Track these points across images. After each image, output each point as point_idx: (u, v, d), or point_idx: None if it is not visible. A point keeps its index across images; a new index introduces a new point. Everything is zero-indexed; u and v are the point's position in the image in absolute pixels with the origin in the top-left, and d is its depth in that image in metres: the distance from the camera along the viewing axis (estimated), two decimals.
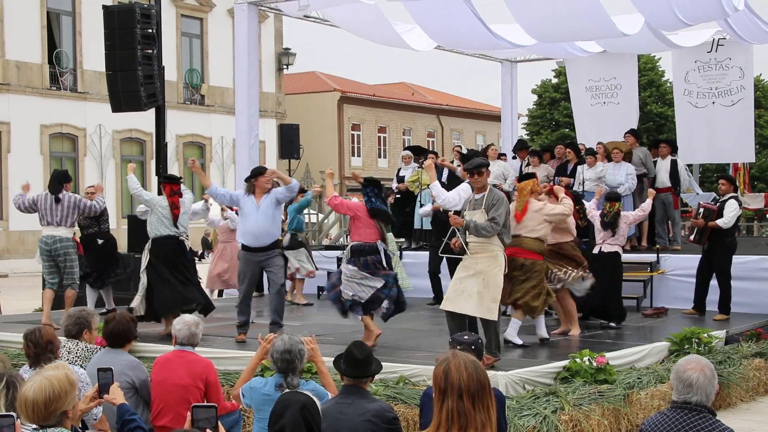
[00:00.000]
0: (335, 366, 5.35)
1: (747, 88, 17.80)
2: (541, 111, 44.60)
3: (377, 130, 46.00)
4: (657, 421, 4.25)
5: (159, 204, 10.17)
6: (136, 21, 13.75)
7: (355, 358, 5.22)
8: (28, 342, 5.91)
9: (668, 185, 14.39)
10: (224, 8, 35.25)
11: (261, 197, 9.50)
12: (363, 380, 5.24)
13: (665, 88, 41.32)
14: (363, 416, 4.98)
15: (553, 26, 13.51)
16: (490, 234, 8.04)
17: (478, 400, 3.36)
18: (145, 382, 6.41)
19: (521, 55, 19.78)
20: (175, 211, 10.15)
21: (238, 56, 15.83)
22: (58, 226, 10.81)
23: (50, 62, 30.64)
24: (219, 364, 7.75)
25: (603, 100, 19.30)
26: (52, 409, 3.92)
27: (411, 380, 7.61)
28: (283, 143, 30.03)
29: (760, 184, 37.64)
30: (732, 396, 8.93)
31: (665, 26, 14.18)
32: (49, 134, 30.71)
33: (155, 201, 10.24)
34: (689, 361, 4.29)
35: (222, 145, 35.71)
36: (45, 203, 10.85)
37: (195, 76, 35.20)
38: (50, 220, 10.83)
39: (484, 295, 8.02)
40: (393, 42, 16.23)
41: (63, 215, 10.82)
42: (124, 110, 14.40)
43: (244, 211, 9.62)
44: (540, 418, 6.85)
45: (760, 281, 12.01)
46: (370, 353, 5.32)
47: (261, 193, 9.51)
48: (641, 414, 7.56)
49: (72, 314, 6.85)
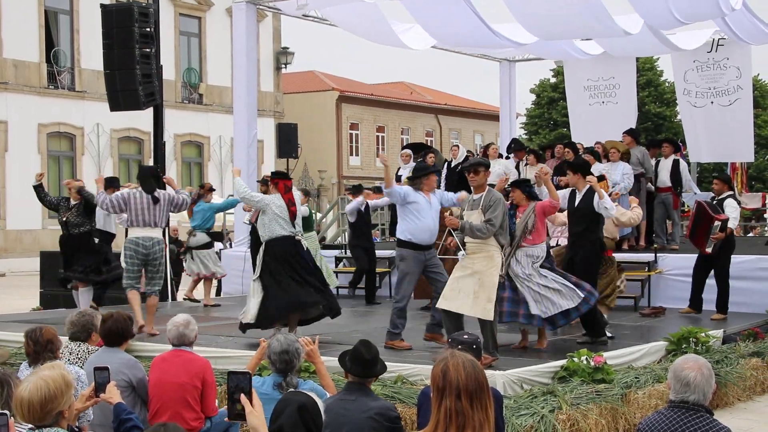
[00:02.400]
0: (341, 363, 5.35)
1: (745, 87, 17.81)
2: (539, 110, 44.63)
3: (376, 129, 45.98)
4: (654, 420, 4.25)
5: (273, 203, 9.38)
6: (134, 20, 13.73)
7: (363, 357, 5.23)
8: (28, 340, 5.91)
9: (669, 185, 14.38)
10: (222, 7, 35.23)
11: (429, 194, 9.15)
12: (368, 379, 5.25)
13: (663, 87, 41.36)
14: (366, 413, 5.01)
15: (553, 24, 13.52)
16: (485, 236, 8.04)
17: (477, 400, 3.36)
18: (142, 381, 6.40)
19: (519, 54, 19.80)
20: (293, 208, 9.46)
21: (237, 55, 15.84)
22: (155, 227, 10.03)
23: (48, 61, 30.62)
24: (217, 363, 7.75)
25: (602, 100, 19.32)
26: (48, 410, 3.92)
27: (409, 380, 7.61)
28: (281, 142, 29.97)
29: (757, 184, 37.66)
30: (729, 395, 8.93)
31: (662, 25, 14.19)
32: (46, 133, 30.69)
33: (267, 200, 9.43)
34: (687, 361, 4.29)
35: (220, 144, 35.69)
36: (138, 203, 9.98)
37: (193, 75, 35.18)
38: (147, 220, 9.97)
39: (480, 295, 8.02)
40: (391, 41, 16.24)
41: (160, 215, 10.05)
42: (122, 109, 14.39)
43: (418, 207, 9.03)
44: (537, 418, 6.85)
45: (758, 281, 12.02)
46: (377, 353, 5.33)
47: (428, 191, 9.13)
48: (639, 413, 7.57)
49: (76, 321, 6.82)
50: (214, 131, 35.43)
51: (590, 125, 19.05)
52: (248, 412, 3.69)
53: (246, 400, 3.70)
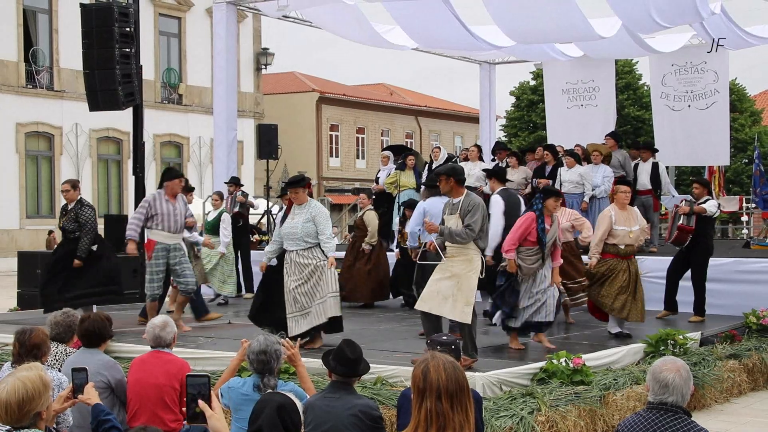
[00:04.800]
0: (324, 362, 5.36)
1: (721, 91, 17.95)
2: (519, 113, 44.73)
3: (356, 130, 45.97)
4: (633, 422, 4.27)
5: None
6: (114, 19, 13.67)
7: (347, 357, 5.25)
8: (15, 340, 5.92)
9: (649, 188, 14.49)
10: (203, 7, 35.11)
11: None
12: (351, 378, 5.27)
13: (642, 91, 41.55)
14: (350, 411, 5.04)
15: (530, 28, 13.59)
16: (464, 241, 8.01)
17: (457, 401, 3.36)
18: (121, 382, 6.37)
19: (499, 57, 19.86)
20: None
21: (217, 56, 15.81)
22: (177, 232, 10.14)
23: (26, 60, 30.39)
24: (196, 364, 7.72)
25: (581, 102, 19.39)
26: (25, 411, 3.89)
27: (388, 381, 7.61)
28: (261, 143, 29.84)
29: (735, 187, 37.92)
30: (707, 397, 8.99)
31: (642, 29, 14.29)
32: (24, 133, 30.45)
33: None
34: (665, 362, 4.31)
35: (200, 145, 35.56)
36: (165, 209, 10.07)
37: (173, 75, 35.03)
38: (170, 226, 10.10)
39: (458, 298, 8.01)
40: (373, 41, 16.24)
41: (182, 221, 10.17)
42: (102, 109, 14.31)
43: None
44: (517, 419, 6.87)
45: (735, 283, 12.11)
46: (361, 353, 5.35)
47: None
48: (617, 415, 7.60)
49: (61, 321, 6.78)
50: (194, 132, 35.30)
51: (569, 128, 19.11)
52: (209, 415, 3.68)
53: (205, 405, 3.69)
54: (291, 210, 9.19)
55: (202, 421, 3.71)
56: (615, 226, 9.95)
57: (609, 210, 10.17)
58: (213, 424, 3.67)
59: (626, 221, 10.01)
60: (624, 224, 9.98)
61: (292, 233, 8.94)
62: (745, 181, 37.43)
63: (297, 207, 9.06)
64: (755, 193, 21.03)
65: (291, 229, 8.95)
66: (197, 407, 3.69)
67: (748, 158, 37.77)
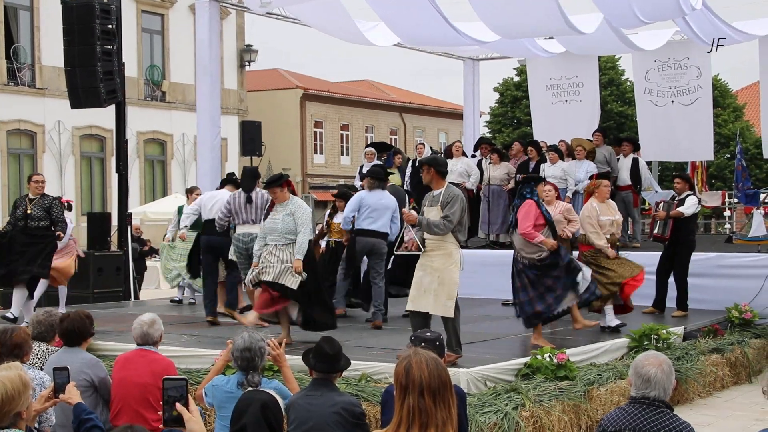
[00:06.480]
0: (304, 360, 5.35)
1: (704, 87, 18.00)
2: (503, 109, 44.78)
3: (340, 127, 45.90)
4: (616, 416, 4.29)
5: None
6: (96, 16, 13.59)
7: (326, 353, 5.24)
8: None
9: (629, 183, 14.53)
10: (185, 4, 34.95)
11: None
12: (332, 375, 5.26)
13: (625, 86, 41.67)
14: (332, 408, 5.03)
15: (513, 23, 13.60)
16: (442, 232, 7.99)
17: (440, 398, 3.36)
18: (104, 380, 6.33)
19: (483, 53, 19.85)
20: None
21: (200, 53, 15.72)
22: (253, 224, 10.33)
23: (8, 57, 30.18)
24: (181, 363, 7.70)
25: (565, 98, 19.41)
26: (5, 411, 3.86)
27: (373, 378, 7.61)
28: (245, 140, 29.82)
29: (717, 182, 38.11)
30: (689, 391, 9.05)
31: (625, 24, 14.31)
32: (6, 130, 30.24)
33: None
34: (648, 357, 4.33)
35: (183, 142, 35.41)
36: (238, 203, 10.46)
37: (156, 72, 34.87)
38: (245, 218, 10.40)
39: (440, 293, 7.99)
40: (356, 39, 16.21)
41: (258, 213, 10.37)
42: (84, 106, 14.24)
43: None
44: (501, 415, 6.88)
45: (718, 278, 12.17)
46: (340, 349, 5.34)
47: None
48: (601, 410, 7.63)
49: (43, 320, 6.74)
50: (177, 129, 35.14)
51: (554, 124, 19.14)
52: (187, 419, 3.65)
53: (182, 408, 3.66)
54: (273, 207, 9.33)
55: (179, 424, 3.69)
56: (600, 216, 10.34)
57: (591, 203, 10.52)
58: (191, 428, 3.64)
59: (608, 211, 10.53)
60: (607, 214, 10.47)
61: (273, 228, 9.17)
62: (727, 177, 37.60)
63: (279, 205, 9.20)
64: (737, 188, 21.16)
65: (272, 224, 9.19)
66: (175, 410, 3.67)
67: (730, 153, 37.94)
